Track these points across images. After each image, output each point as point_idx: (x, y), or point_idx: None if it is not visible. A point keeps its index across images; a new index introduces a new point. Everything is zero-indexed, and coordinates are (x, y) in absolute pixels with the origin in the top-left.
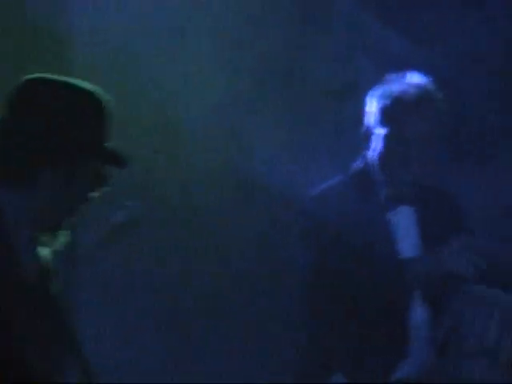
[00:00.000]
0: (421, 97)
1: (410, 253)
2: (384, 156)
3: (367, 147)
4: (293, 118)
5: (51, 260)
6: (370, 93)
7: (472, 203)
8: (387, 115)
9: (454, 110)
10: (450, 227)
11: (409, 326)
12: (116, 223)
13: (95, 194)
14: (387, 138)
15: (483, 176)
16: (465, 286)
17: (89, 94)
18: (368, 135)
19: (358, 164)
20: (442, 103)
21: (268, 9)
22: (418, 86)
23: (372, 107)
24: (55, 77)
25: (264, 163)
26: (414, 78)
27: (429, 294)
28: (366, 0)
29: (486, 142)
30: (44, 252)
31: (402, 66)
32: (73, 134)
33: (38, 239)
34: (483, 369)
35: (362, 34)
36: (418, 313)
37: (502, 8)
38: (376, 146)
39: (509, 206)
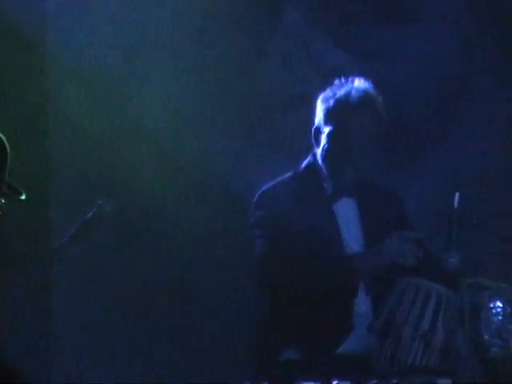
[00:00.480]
0: (362, 98)
1: (353, 243)
2: (328, 152)
3: (316, 145)
4: (249, 129)
5: None
6: (319, 96)
7: (408, 200)
8: (332, 115)
9: (392, 113)
10: (390, 220)
11: (353, 309)
12: (85, 220)
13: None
14: (332, 136)
15: (417, 175)
16: (403, 277)
17: None
18: (317, 134)
19: (307, 160)
20: (381, 105)
21: (219, 27)
22: (360, 89)
23: (320, 109)
24: None
25: (225, 170)
26: (357, 83)
27: (372, 285)
28: (313, 17)
29: (420, 145)
30: None
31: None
32: None
33: None
34: (418, 352)
35: (309, 49)
36: (361, 299)
37: (438, 22)
38: (322, 143)
39: (438, 204)
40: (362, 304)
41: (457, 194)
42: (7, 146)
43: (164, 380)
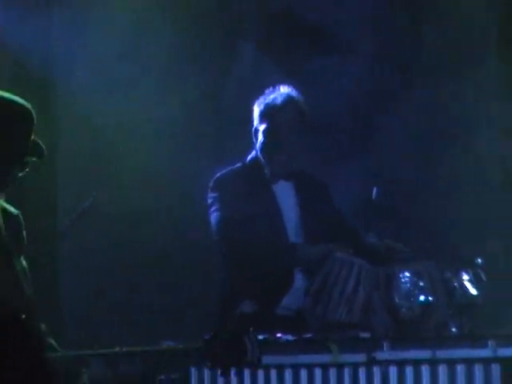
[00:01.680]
0: (285, 99)
1: (290, 219)
2: (264, 144)
3: (256, 141)
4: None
5: None
6: (255, 103)
7: (334, 190)
8: (263, 116)
9: (325, 119)
10: (320, 201)
11: (292, 277)
12: (82, 208)
13: (17, 178)
14: (264, 132)
15: (344, 171)
16: (331, 253)
17: (21, 106)
18: (255, 133)
19: (251, 154)
20: (302, 104)
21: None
22: (284, 93)
23: (255, 112)
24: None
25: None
26: (282, 89)
27: (307, 265)
28: (262, 48)
29: (347, 146)
30: None
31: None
32: (6, 132)
33: None
34: (343, 312)
35: (258, 74)
36: (298, 274)
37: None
38: (259, 139)
39: (360, 196)
40: (299, 273)
41: (375, 189)
42: (33, 112)
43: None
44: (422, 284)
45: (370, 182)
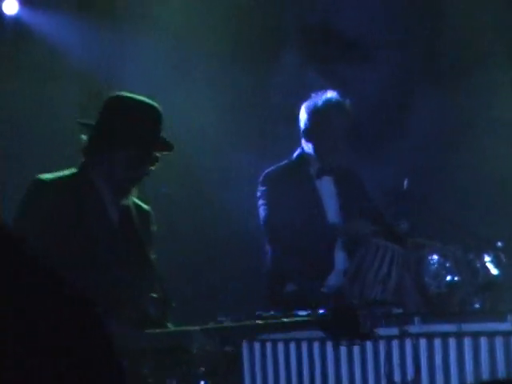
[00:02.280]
0: (337, 104)
1: (332, 210)
2: (318, 146)
3: (306, 141)
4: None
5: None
6: (302, 106)
7: (368, 182)
8: (316, 119)
9: (361, 118)
10: (357, 194)
11: (333, 261)
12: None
13: (149, 172)
14: (320, 135)
15: (376, 163)
16: (367, 239)
17: (151, 107)
18: (306, 133)
19: (297, 152)
20: (349, 108)
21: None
22: (333, 98)
23: (304, 115)
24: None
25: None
26: (330, 94)
27: (346, 244)
28: (303, 57)
29: (379, 141)
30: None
31: None
32: (142, 132)
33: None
34: (378, 291)
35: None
36: (339, 254)
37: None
38: (312, 139)
39: (389, 186)
40: (340, 257)
41: (406, 180)
42: (161, 111)
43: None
44: (448, 265)
45: (402, 174)
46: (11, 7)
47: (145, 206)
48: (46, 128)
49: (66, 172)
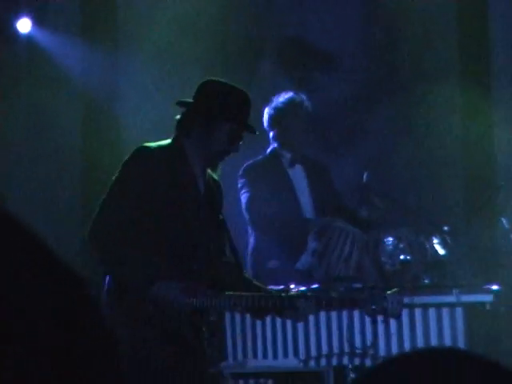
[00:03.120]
0: (294, 103)
1: (303, 195)
2: (282, 142)
3: (272, 140)
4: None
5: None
6: (265, 109)
7: (334, 173)
8: (274, 118)
9: (328, 117)
10: (325, 182)
11: (306, 243)
12: None
13: (235, 150)
14: (278, 131)
15: (341, 157)
16: (332, 223)
17: (243, 91)
18: (270, 131)
19: (269, 149)
20: (308, 106)
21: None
22: (290, 97)
23: (265, 114)
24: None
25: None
26: (287, 94)
27: (316, 231)
28: (277, 66)
29: (345, 137)
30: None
31: None
32: (240, 109)
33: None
34: (341, 269)
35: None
36: (310, 238)
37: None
38: (277, 136)
39: (352, 179)
40: (312, 240)
41: (365, 173)
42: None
43: None
44: (401, 246)
45: (362, 168)
46: (25, 26)
47: (216, 177)
48: (50, 139)
49: (164, 143)
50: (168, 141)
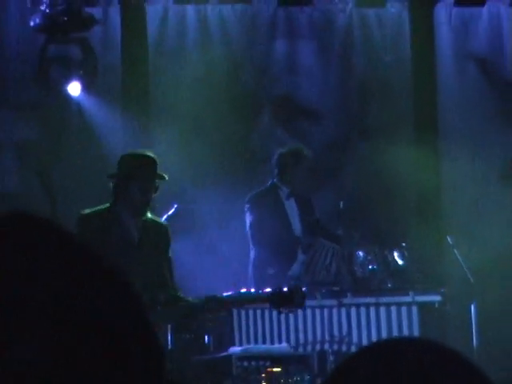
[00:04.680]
0: (299, 154)
1: (295, 222)
2: (281, 178)
3: (276, 176)
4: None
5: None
6: (274, 155)
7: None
8: (281, 162)
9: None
10: (310, 211)
11: (296, 256)
12: (168, 215)
13: (148, 201)
14: (283, 171)
15: (322, 191)
16: (318, 240)
17: (148, 155)
18: (276, 170)
19: (270, 182)
20: (307, 154)
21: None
22: (297, 148)
23: (276, 158)
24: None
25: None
26: (296, 145)
27: (303, 246)
28: (275, 115)
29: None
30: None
31: None
32: (145, 169)
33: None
34: (323, 276)
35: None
36: (299, 252)
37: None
38: (280, 176)
39: (334, 206)
40: (300, 254)
41: (341, 202)
42: (156, 159)
43: None
44: (369, 258)
45: (339, 198)
46: (75, 90)
47: (161, 221)
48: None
49: (102, 206)
50: (106, 204)
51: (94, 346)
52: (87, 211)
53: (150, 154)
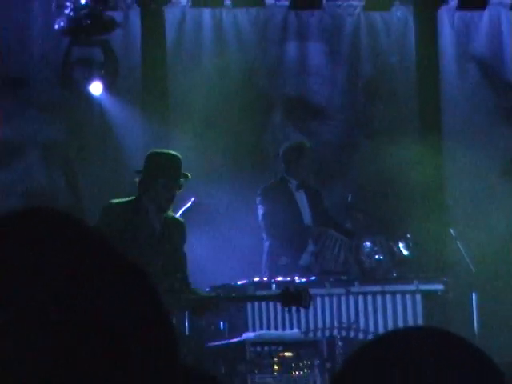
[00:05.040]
0: (302, 148)
1: (305, 212)
2: (290, 170)
3: (284, 169)
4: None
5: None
6: (282, 147)
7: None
8: (288, 155)
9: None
10: (319, 203)
11: (306, 245)
12: (185, 208)
13: (176, 194)
14: (292, 163)
15: (331, 185)
16: (327, 231)
17: (174, 155)
18: (284, 162)
19: (280, 175)
20: (311, 148)
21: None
22: (300, 142)
23: (281, 152)
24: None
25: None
26: (298, 140)
27: (313, 237)
28: (287, 115)
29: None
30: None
31: None
32: (171, 168)
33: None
34: (332, 265)
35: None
36: (310, 241)
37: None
38: (289, 167)
39: (340, 200)
40: (310, 243)
41: (350, 195)
42: (180, 158)
43: None
44: (376, 249)
45: (347, 192)
46: (97, 89)
47: (179, 218)
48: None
49: (127, 198)
50: (132, 197)
51: (94, 346)
52: (114, 201)
53: (176, 153)
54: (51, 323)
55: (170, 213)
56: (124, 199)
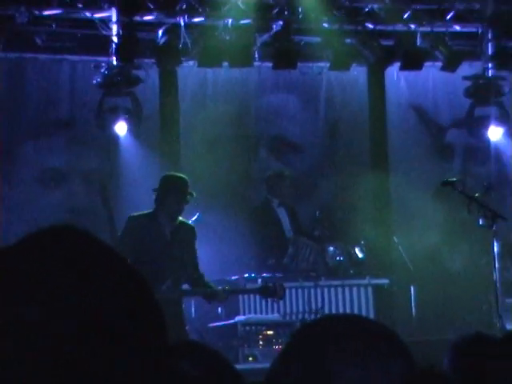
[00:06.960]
0: (283, 175)
1: (286, 226)
2: (272, 193)
3: (269, 194)
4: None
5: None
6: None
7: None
8: (270, 182)
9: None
10: (296, 217)
11: (287, 250)
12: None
13: (181, 210)
14: (273, 188)
15: (303, 203)
16: (300, 238)
17: (182, 177)
18: (267, 187)
19: (264, 197)
20: (291, 176)
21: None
22: (281, 171)
23: (266, 179)
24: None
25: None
26: (281, 169)
27: (292, 242)
28: (271, 151)
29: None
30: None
31: None
32: (180, 187)
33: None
34: (304, 264)
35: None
36: (289, 248)
37: None
38: (270, 192)
39: (309, 215)
40: (290, 248)
41: (317, 211)
42: (187, 179)
43: None
44: (337, 252)
45: (316, 209)
46: (122, 129)
47: (188, 223)
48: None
49: (146, 211)
50: (150, 210)
51: (94, 346)
52: (135, 213)
53: (184, 176)
54: (51, 323)
55: (181, 219)
56: (143, 212)
